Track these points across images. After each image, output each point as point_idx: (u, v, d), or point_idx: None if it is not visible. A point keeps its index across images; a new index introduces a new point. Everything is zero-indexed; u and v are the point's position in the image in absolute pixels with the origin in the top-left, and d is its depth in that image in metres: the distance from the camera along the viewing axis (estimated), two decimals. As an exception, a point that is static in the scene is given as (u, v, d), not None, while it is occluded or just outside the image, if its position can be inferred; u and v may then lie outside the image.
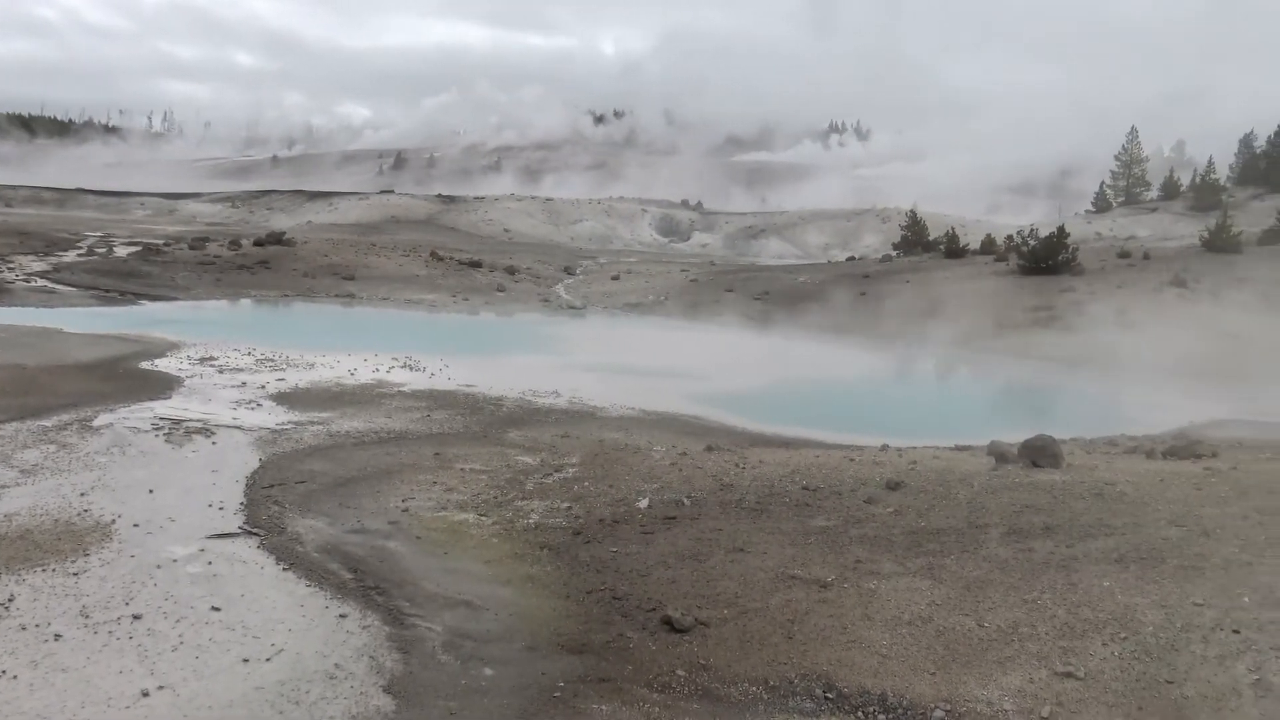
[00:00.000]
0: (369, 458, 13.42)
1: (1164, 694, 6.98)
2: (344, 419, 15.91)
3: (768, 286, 42.07)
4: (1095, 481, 11.00)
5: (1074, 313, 32.89)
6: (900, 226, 55.19)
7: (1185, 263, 38.28)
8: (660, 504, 11.15)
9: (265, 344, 23.01)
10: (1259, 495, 10.25)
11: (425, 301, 37.60)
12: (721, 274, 48.44)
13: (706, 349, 29.61)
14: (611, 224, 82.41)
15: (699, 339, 32.47)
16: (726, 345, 31.12)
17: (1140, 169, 77.10)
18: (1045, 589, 8.38)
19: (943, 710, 6.98)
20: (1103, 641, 7.58)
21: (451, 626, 8.23)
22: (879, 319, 34.63)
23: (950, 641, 7.78)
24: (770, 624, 8.19)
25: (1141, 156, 77.27)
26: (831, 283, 41.76)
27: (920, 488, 11.18)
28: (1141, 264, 38.97)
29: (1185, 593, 8.10)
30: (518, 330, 33.89)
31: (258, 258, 42.42)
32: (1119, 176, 77.43)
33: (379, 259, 45.32)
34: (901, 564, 9.12)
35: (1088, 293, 34.72)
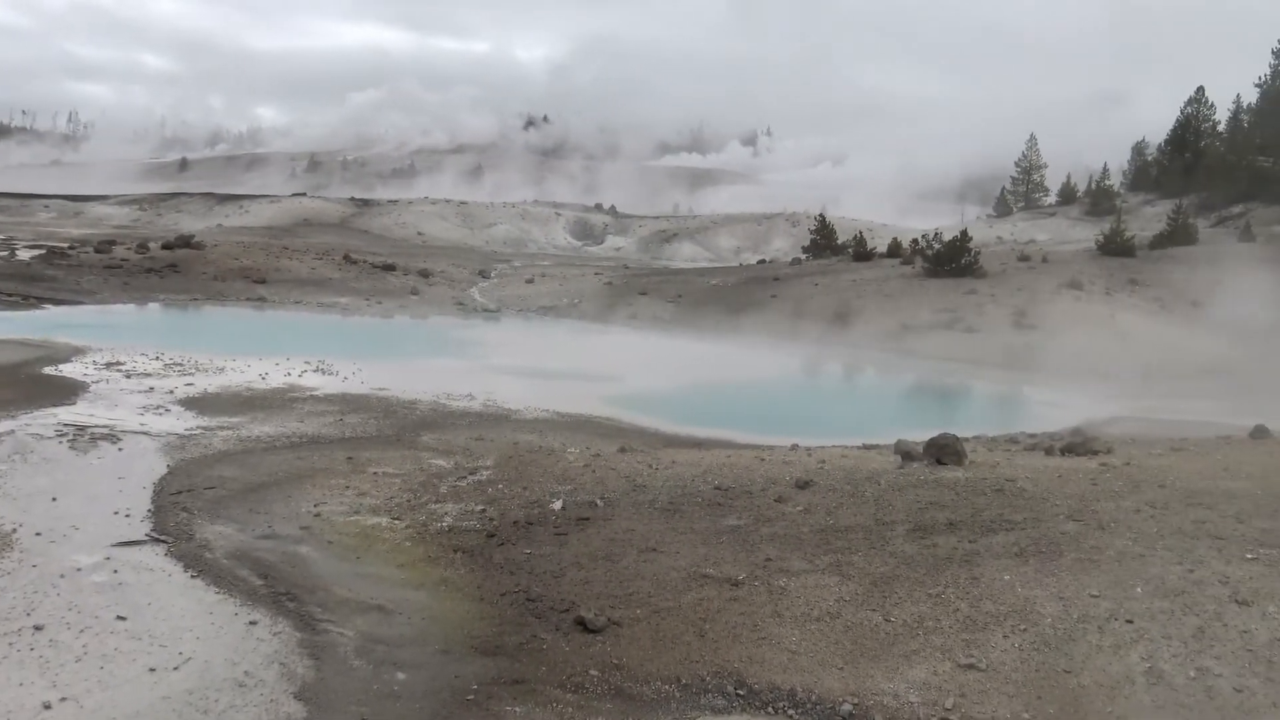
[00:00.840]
0: (280, 462, 13.18)
1: (1062, 683, 7.14)
2: (255, 424, 15.61)
3: (681, 289, 42.25)
4: (997, 478, 11.21)
5: (976, 314, 33.56)
6: (810, 230, 55.80)
7: (1081, 266, 39.28)
8: (574, 505, 11.12)
9: (174, 348, 22.47)
10: (1150, 489, 10.54)
11: (338, 305, 37.10)
12: (635, 277, 48.53)
13: (620, 351, 29.67)
14: (526, 228, 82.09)
15: (613, 341, 32.52)
16: (640, 347, 31.21)
17: (1039, 175, 78.96)
18: (949, 583, 8.52)
19: (851, 704, 7.06)
20: (1004, 633, 7.72)
21: (364, 631, 8.11)
22: (790, 320, 34.96)
23: (858, 636, 7.87)
24: (683, 623, 8.21)
25: (1040, 163, 79.11)
26: (742, 285, 42.08)
27: (829, 486, 11.29)
28: (1040, 267, 39.88)
29: (1082, 585, 8.29)
30: (432, 333, 33.58)
31: (166, 261, 41.44)
32: (1019, 182, 79.21)
33: (291, 262, 44.59)
34: (811, 561, 9.20)
35: (989, 295, 35.43)
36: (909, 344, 31.30)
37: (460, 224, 79.85)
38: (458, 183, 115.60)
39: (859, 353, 31.03)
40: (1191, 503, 10.00)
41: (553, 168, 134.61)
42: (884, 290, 37.74)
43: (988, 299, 34.96)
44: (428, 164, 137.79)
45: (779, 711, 7.05)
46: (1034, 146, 79.02)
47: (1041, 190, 78.50)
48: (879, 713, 6.96)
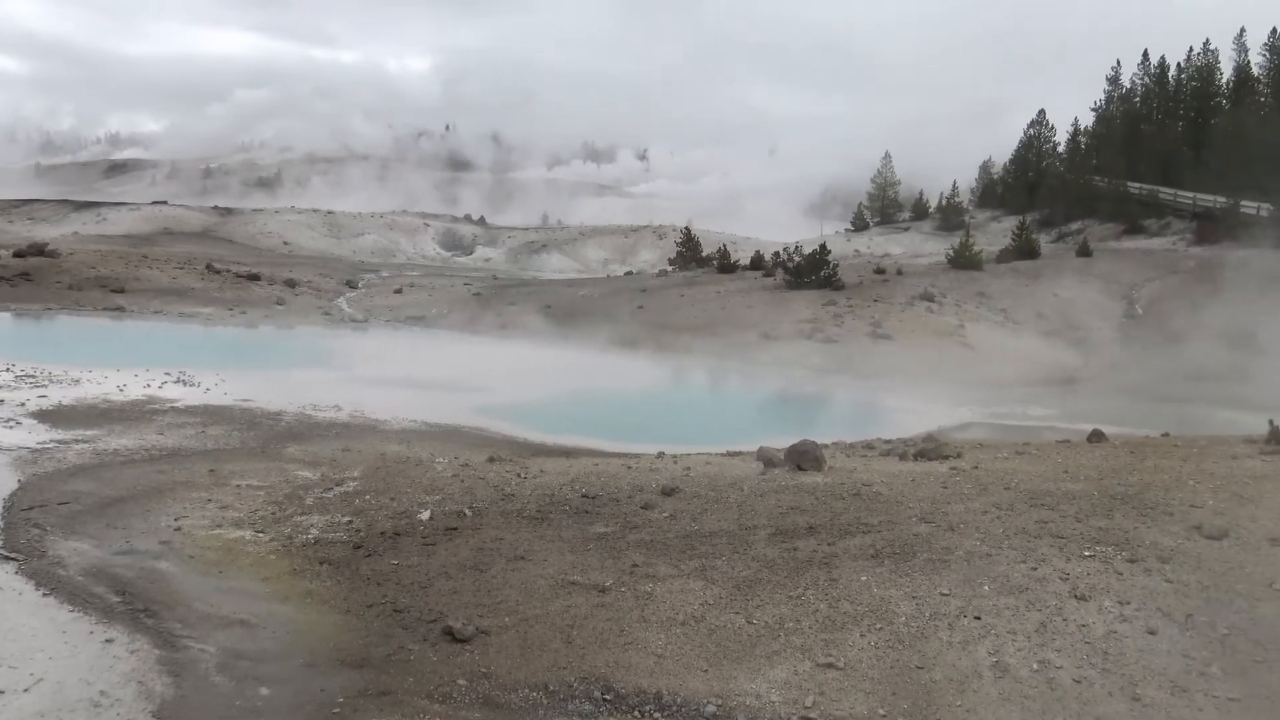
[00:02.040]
0: (139, 476, 12.69)
1: (915, 679, 7.34)
2: (112, 436, 15.01)
3: (549, 300, 42.16)
4: (854, 483, 11.46)
5: (835, 324, 34.28)
6: (676, 243, 56.33)
7: (933, 279, 40.49)
8: (442, 515, 10.99)
9: (26, 359, 21.47)
10: (997, 491, 10.91)
11: (201, 315, 35.97)
12: (504, 287, 48.28)
13: (489, 361, 29.42)
14: (394, 238, 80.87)
15: (482, 351, 32.24)
16: (509, 357, 31.00)
17: (893, 191, 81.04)
18: (809, 585, 8.68)
19: (714, 705, 7.13)
20: (860, 632, 7.90)
21: (226, 647, 7.85)
22: (656, 330, 35.19)
23: (722, 639, 7.95)
24: (550, 630, 8.18)
25: (894, 180, 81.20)
26: (610, 296, 42.22)
27: (694, 493, 11.39)
28: (895, 279, 40.97)
29: (933, 584, 8.53)
30: (298, 344, 32.79)
31: (18, 269, 39.58)
32: (875, 198, 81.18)
33: (151, 271, 43.03)
34: (676, 566, 9.27)
35: (847, 306, 36.23)
36: (771, 353, 31.78)
37: (327, 233, 78.27)
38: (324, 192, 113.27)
39: (723, 362, 31.38)
40: (1035, 504, 10.39)
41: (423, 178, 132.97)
42: (747, 301, 38.28)
43: (846, 310, 35.74)
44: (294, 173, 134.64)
45: (645, 715, 7.07)
46: (889, 164, 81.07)
47: (896, 206, 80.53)
48: (742, 713, 7.05)
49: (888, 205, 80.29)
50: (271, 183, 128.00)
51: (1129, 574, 8.62)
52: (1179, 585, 8.43)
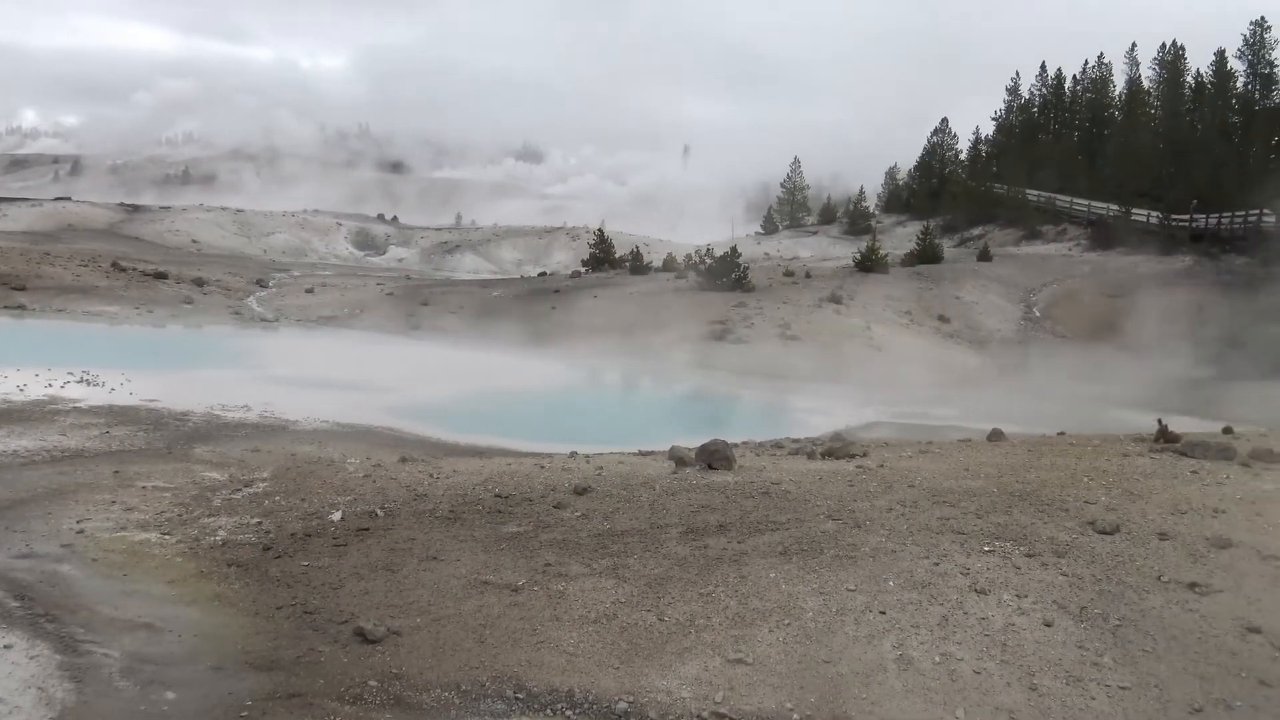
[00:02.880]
0: (39, 478, 12.29)
1: (822, 673, 7.43)
2: (11, 438, 14.52)
3: (463, 300, 41.85)
4: (763, 481, 11.57)
5: (745, 326, 34.56)
6: (589, 244, 56.31)
7: (841, 281, 41.05)
8: (354, 516, 10.83)
9: (-80, 359, 20.71)
10: (901, 489, 11.10)
11: (106, 314, 34.95)
12: (417, 288, 47.76)
13: (402, 361, 29.12)
14: (306, 237, 79.51)
15: (394, 352, 31.88)
16: (422, 357, 30.71)
17: (802, 195, 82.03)
18: (719, 583, 8.73)
19: (626, 702, 7.14)
20: (769, 628, 7.97)
21: (131, 651, 7.64)
22: (570, 331, 35.14)
23: (633, 636, 7.96)
24: (463, 630, 8.11)
25: (803, 185, 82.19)
26: (524, 297, 42.04)
27: (606, 492, 11.39)
28: (804, 282, 41.44)
29: (840, 580, 8.65)
30: (206, 343, 32.07)
31: (-89, 266, 38.15)
32: (785, 202, 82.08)
33: (54, 269, 41.69)
34: (589, 565, 9.26)
35: (757, 308, 36.55)
36: (683, 354, 31.93)
37: (237, 232, 76.63)
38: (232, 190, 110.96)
39: (636, 362, 31.45)
40: (937, 501, 10.59)
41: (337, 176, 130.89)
42: (660, 302, 38.41)
43: (756, 312, 36.04)
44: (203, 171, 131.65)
45: (557, 713, 7.05)
46: (798, 168, 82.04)
47: (805, 210, 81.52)
48: (653, 709, 7.07)
49: (797, 209, 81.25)
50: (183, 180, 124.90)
51: (1027, 568, 8.83)
52: (1073, 579, 8.66)
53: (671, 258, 49.59)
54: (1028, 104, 71.71)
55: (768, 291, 39.34)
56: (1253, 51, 56.49)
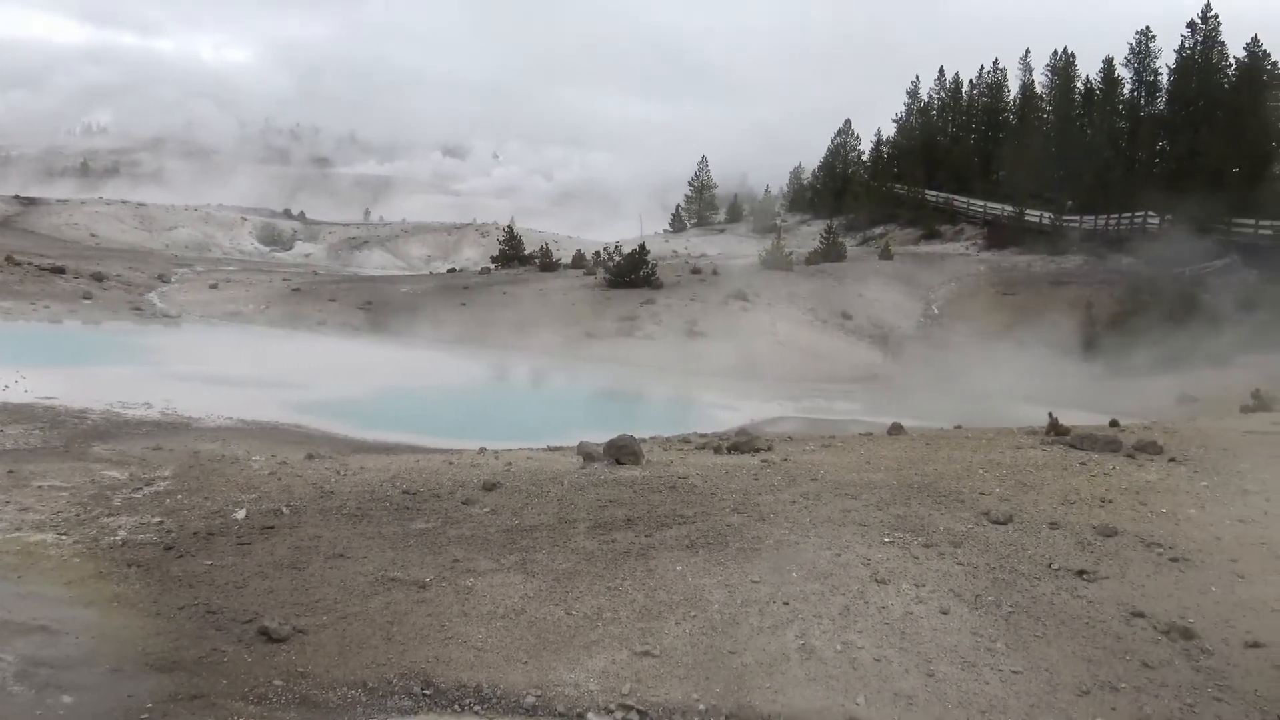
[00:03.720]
0: (-71, 478, 11.82)
1: (727, 663, 7.49)
2: (-101, 437, 13.96)
3: (371, 296, 41.24)
4: (670, 476, 11.62)
5: (654, 322, 34.69)
6: (499, 241, 55.92)
7: (747, 279, 41.37)
8: (258, 514, 10.61)
9: None
10: (804, 482, 11.24)
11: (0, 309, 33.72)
12: (324, 283, 46.95)
13: (309, 358, 28.62)
14: (210, 231, 77.54)
15: (301, 348, 31.31)
16: (329, 354, 30.23)
17: (710, 194, 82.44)
18: (626, 576, 8.75)
19: (534, 696, 7.12)
20: (676, 621, 8.01)
21: (25, 655, 7.38)
22: (479, 327, 34.89)
23: (541, 631, 7.94)
24: (370, 627, 8.00)
25: (711, 184, 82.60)
26: (434, 293, 41.60)
27: (515, 488, 11.34)
28: (711, 279, 41.69)
29: (745, 572, 8.73)
30: (106, 340, 31.07)
31: None
32: (692, 200, 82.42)
33: (-56, 263, 40.12)
34: (497, 561, 9.21)
35: (665, 305, 36.70)
36: (592, 350, 31.95)
37: (138, 226, 74.38)
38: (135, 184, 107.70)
39: (545, 358, 31.37)
40: (839, 493, 10.75)
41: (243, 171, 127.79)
42: (569, 299, 38.36)
43: (664, 308, 36.19)
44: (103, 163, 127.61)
45: (465, 708, 7.01)
46: (705, 168, 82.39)
47: (712, 208, 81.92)
48: (560, 703, 7.06)
49: (704, 208, 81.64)
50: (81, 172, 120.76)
51: (924, 558, 9.01)
52: (969, 567, 8.87)
53: (581, 255, 49.54)
54: (927, 107, 73.06)
55: (676, 289, 39.51)
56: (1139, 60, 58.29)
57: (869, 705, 7.09)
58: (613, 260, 41.49)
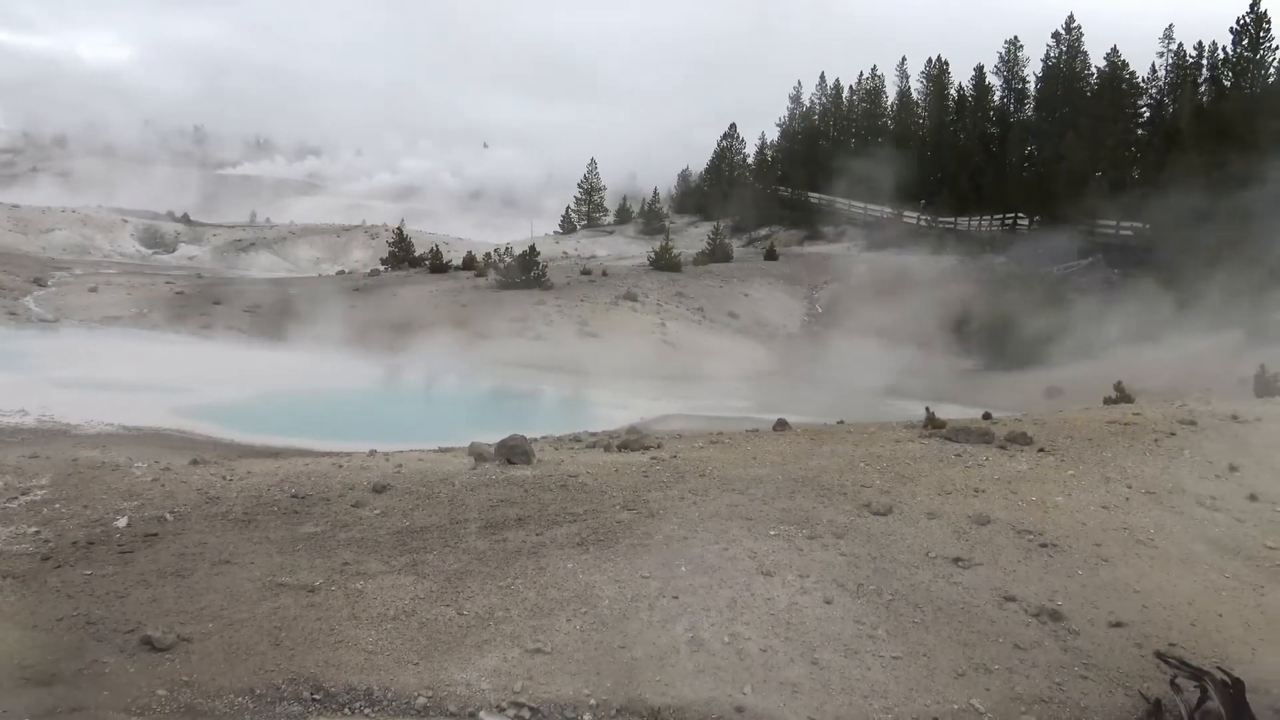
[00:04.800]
0: None
1: (618, 658, 7.51)
2: None
3: (258, 299, 40.22)
4: (561, 475, 11.59)
5: (545, 323, 34.57)
6: (388, 243, 55.13)
7: (637, 280, 41.56)
8: (141, 521, 10.26)
9: None
10: (693, 479, 11.33)
11: None
12: (210, 286, 45.65)
13: (193, 362, 27.79)
14: (89, 234, 74.63)
15: (186, 352, 30.38)
16: (215, 358, 29.39)
17: (599, 196, 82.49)
18: (518, 575, 8.71)
19: (426, 696, 7.04)
20: (567, 617, 8.01)
21: (-108, 673, 7.03)
22: (369, 330, 34.32)
23: (433, 632, 7.86)
24: (257, 633, 7.81)
25: (600, 185, 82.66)
26: (322, 295, 40.74)
27: (406, 489, 11.19)
28: (601, 280, 41.75)
29: (635, 568, 8.76)
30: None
31: None
32: (582, 202, 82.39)
33: None
34: (388, 563, 9.07)
35: (556, 305, 36.61)
36: (484, 351, 31.68)
37: (12, 228, 71.16)
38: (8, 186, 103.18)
39: (437, 360, 31.00)
40: (726, 489, 10.86)
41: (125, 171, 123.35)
42: (459, 300, 37.99)
43: (554, 309, 36.10)
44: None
45: (355, 711, 6.90)
46: (594, 169, 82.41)
47: (602, 210, 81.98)
48: (452, 702, 7.00)
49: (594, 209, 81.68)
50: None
51: (809, 550, 9.17)
52: (851, 558, 9.05)
53: (471, 256, 49.10)
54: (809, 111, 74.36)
55: (566, 289, 39.45)
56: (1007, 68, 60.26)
57: (756, 694, 7.19)
58: (504, 262, 41.24)
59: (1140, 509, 10.74)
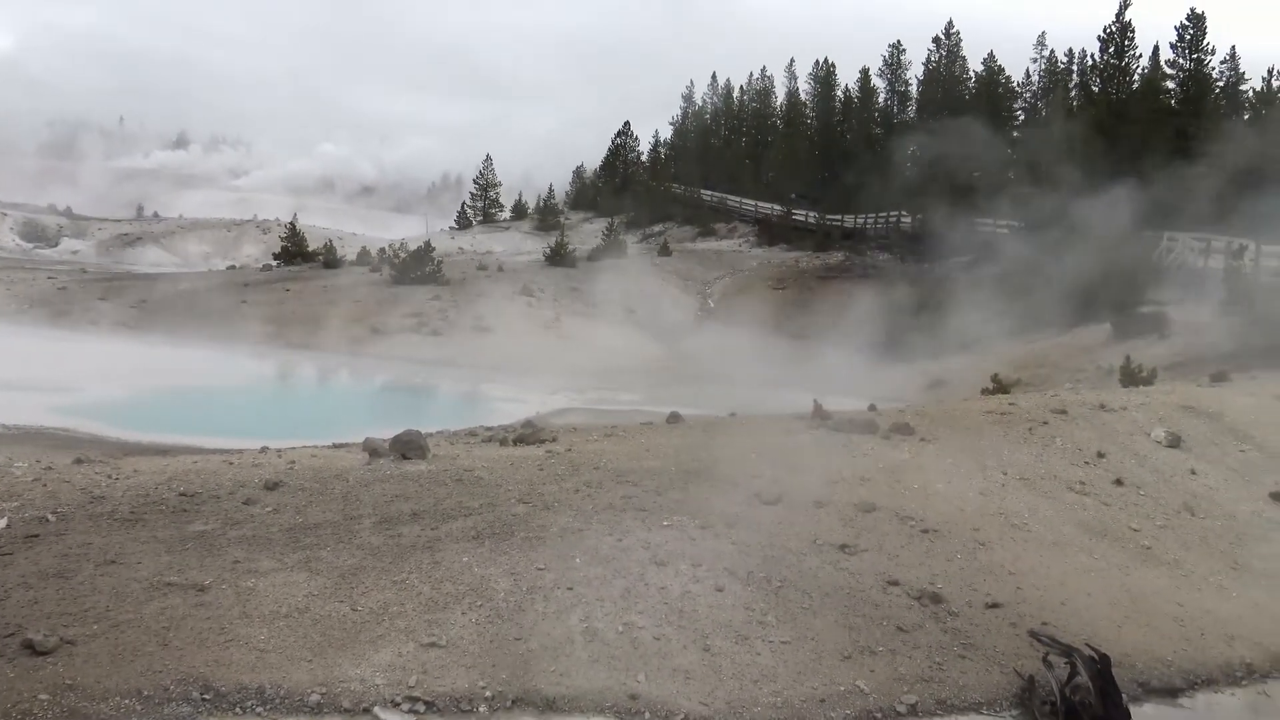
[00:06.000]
0: None
1: (513, 650, 7.48)
2: None
3: (145, 294, 39.00)
4: (457, 469, 11.47)
5: (440, 319, 34.25)
6: (280, 238, 53.96)
7: (533, 275, 41.44)
8: (21, 523, 9.84)
9: None
10: (587, 471, 11.32)
11: None
12: (94, 281, 44.08)
13: (79, 359, 26.82)
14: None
15: (69, 349, 29.27)
16: (101, 354, 28.39)
17: (495, 192, 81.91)
18: (413, 569, 8.60)
19: (319, 693, 6.91)
20: (462, 611, 7.94)
21: None
22: (261, 325, 33.53)
23: (326, 628, 7.71)
24: (144, 634, 7.57)
25: (495, 181, 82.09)
26: (213, 291, 39.69)
27: (299, 486, 10.94)
28: (497, 275, 41.51)
29: (530, 560, 8.72)
30: None
31: None
32: (478, 198, 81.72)
33: None
34: (280, 560, 8.87)
35: (452, 301, 36.29)
36: (379, 347, 31.25)
37: (-120, 224, 68.01)
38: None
39: (331, 356, 30.47)
40: (621, 481, 10.88)
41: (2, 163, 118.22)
42: (354, 296, 37.39)
43: (450, 305, 35.78)
44: None
45: (247, 710, 6.74)
46: (490, 165, 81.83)
47: (498, 206, 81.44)
48: (346, 699, 6.89)
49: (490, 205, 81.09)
50: None
51: (701, 539, 9.24)
52: (742, 546, 9.15)
53: (367, 252, 48.35)
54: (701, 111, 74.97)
55: (462, 285, 39.12)
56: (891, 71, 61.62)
57: (649, 682, 7.23)
58: (398, 257, 40.68)
59: (1015, 495, 11.09)
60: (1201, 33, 46.71)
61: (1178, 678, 8.25)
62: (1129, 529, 10.67)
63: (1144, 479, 12.07)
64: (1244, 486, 12.37)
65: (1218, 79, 47.70)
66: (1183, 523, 11.17)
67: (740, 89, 72.57)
